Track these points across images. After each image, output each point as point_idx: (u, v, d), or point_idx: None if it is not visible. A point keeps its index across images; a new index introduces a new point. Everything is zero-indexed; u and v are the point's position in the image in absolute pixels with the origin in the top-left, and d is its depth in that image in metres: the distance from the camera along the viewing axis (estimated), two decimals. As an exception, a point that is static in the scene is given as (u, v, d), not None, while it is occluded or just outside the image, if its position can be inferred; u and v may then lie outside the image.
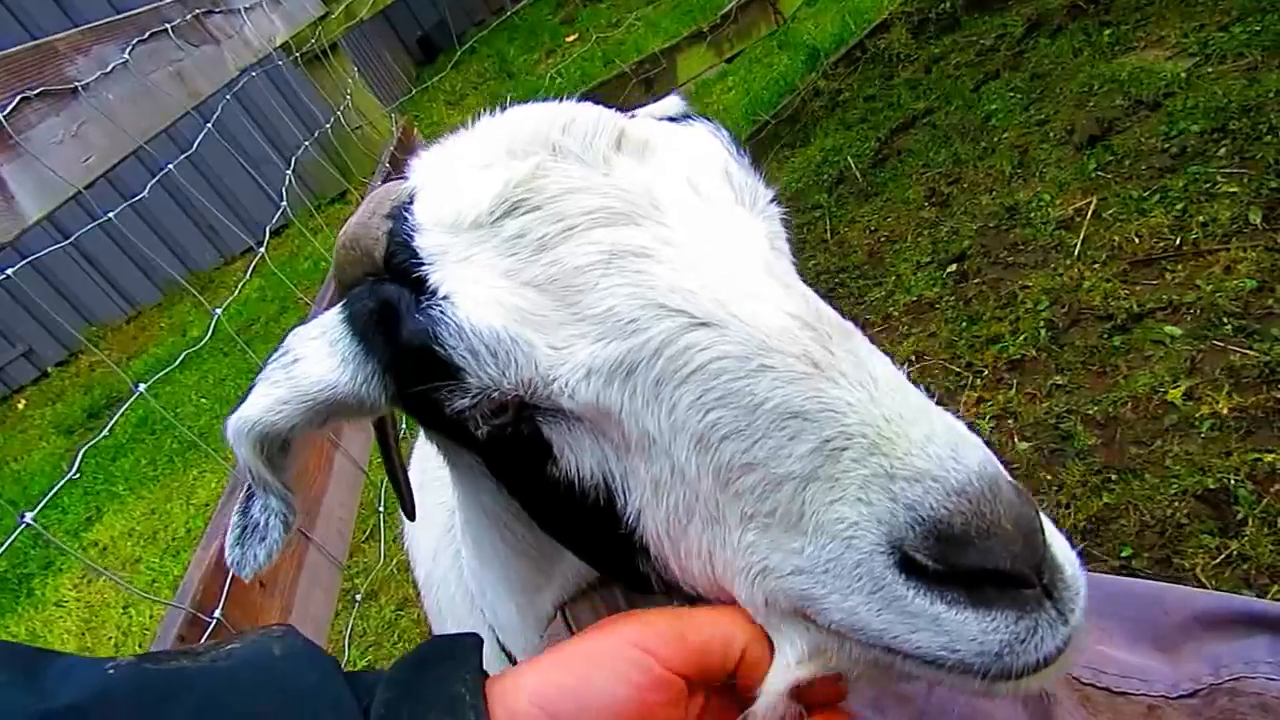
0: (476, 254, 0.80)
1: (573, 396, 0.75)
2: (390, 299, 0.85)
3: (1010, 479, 0.65)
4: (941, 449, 0.64)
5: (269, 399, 0.88)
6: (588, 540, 0.91)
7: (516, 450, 0.82)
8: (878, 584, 0.64)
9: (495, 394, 0.77)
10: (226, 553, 0.96)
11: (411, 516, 1.27)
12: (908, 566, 0.63)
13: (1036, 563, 0.63)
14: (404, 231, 0.86)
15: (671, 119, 1.02)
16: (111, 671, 0.64)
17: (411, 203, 0.88)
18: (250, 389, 0.91)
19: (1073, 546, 0.68)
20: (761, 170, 0.92)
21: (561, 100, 0.93)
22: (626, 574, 0.86)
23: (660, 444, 0.73)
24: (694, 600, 0.81)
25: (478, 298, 0.78)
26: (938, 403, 0.70)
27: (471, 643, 0.73)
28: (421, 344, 0.79)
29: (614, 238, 0.76)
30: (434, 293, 0.80)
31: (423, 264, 0.82)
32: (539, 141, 0.84)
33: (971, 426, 0.69)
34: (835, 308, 0.76)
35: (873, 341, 0.74)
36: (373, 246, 0.89)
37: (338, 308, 0.91)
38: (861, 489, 0.64)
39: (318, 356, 0.89)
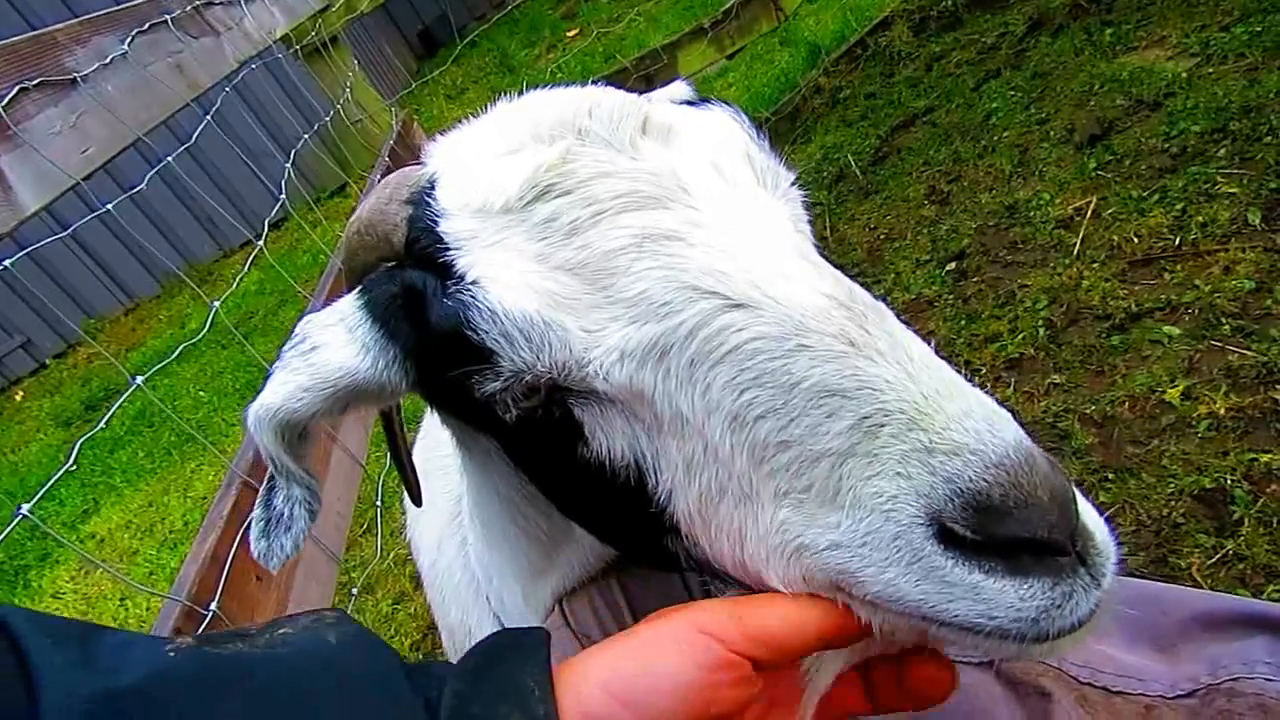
0: (506, 238, 0.81)
1: (607, 379, 0.76)
2: (414, 284, 0.84)
3: (1043, 452, 0.66)
4: (979, 423, 0.65)
5: (289, 386, 0.88)
6: (614, 520, 0.91)
7: (546, 432, 0.82)
8: (917, 555, 0.65)
9: (528, 377, 0.77)
10: (252, 545, 0.95)
11: (418, 503, 1.28)
12: (945, 538, 0.64)
13: (1071, 531, 0.64)
14: (428, 217, 0.86)
15: (689, 103, 1.02)
16: (172, 654, 0.64)
17: (432, 188, 0.88)
18: (268, 377, 0.90)
19: (1100, 514, 0.70)
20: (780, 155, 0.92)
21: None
22: (651, 552, 0.87)
23: (694, 424, 0.74)
24: (721, 579, 0.81)
25: (509, 282, 0.78)
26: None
27: (539, 636, 0.74)
28: (452, 328, 0.79)
29: (644, 221, 0.77)
30: (462, 278, 0.80)
31: (449, 249, 0.82)
32: (565, 126, 0.84)
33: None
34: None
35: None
36: (391, 232, 0.89)
37: (354, 294, 0.91)
38: (900, 463, 0.65)
39: (337, 343, 0.88)
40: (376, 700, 0.66)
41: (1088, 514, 0.68)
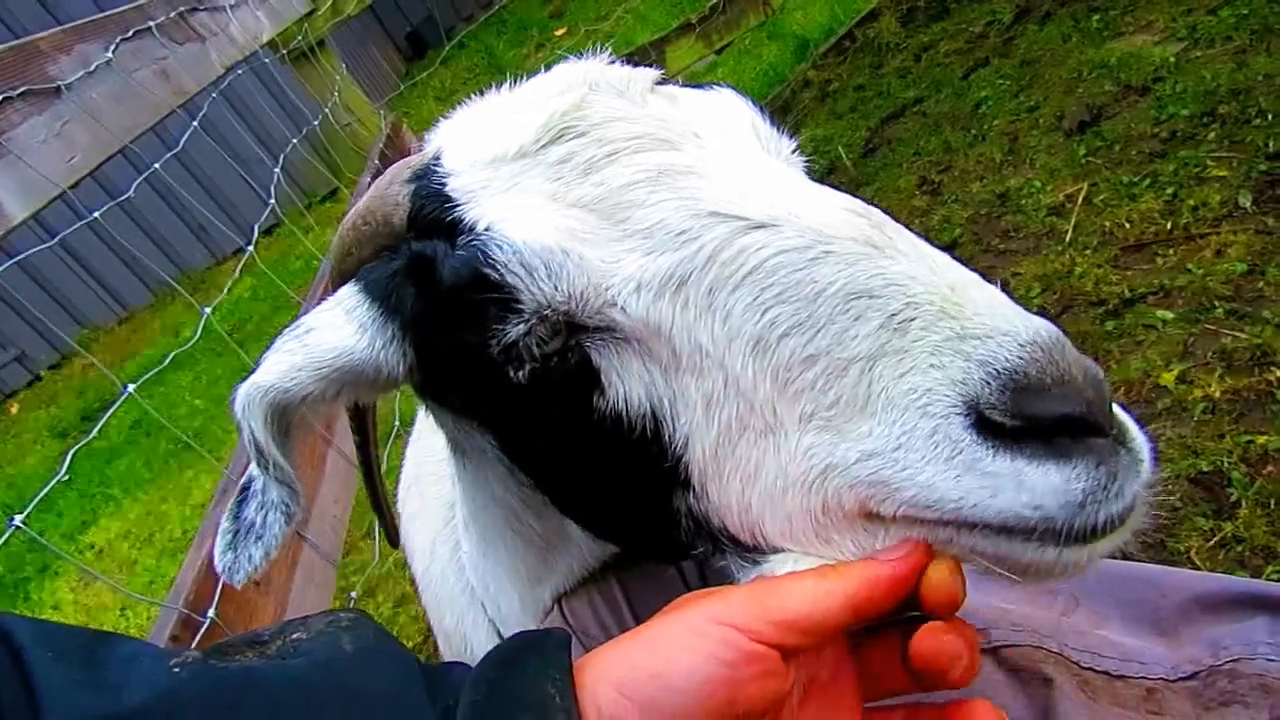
0: (520, 182, 0.81)
1: (625, 310, 0.75)
2: (421, 252, 0.84)
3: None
4: (1007, 309, 0.65)
5: (282, 366, 0.86)
6: (619, 493, 0.88)
7: (559, 389, 0.80)
8: (956, 448, 0.63)
9: (548, 311, 0.76)
10: (216, 560, 0.92)
11: (394, 545, 1.27)
12: (983, 428, 0.62)
13: (1108, 410, 0.63)
14: (434, 182, 0.86)
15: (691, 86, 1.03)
16: (177, 670, 0.62)
17: (438, 160, 0.88)
18: (258, 362, 0.88)
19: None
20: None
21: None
22: (652, 532, 0.85)
23: (714, 355, 0.73)
24: (715, 540, 0.80)
25: (525, 220, 0.78)
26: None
27: (561, 639, 0.71)
28: (470, 272, 0.78)
29: (659, 159, 0.77)
30: (472, 228, 0.80)
31: (458, 204, 0.82)
32: (577, 83, 0.86)
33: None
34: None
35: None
36: (391, 212, 0.88)
37: (350, 282, 0.90)
38: (933, 354, 0.64)
39: (333, 325, 0.87)
40: (389, 715, 0.64)
41: (1117, 409, 0.66)
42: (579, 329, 0.77)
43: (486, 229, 0.79)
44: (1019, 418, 0.61)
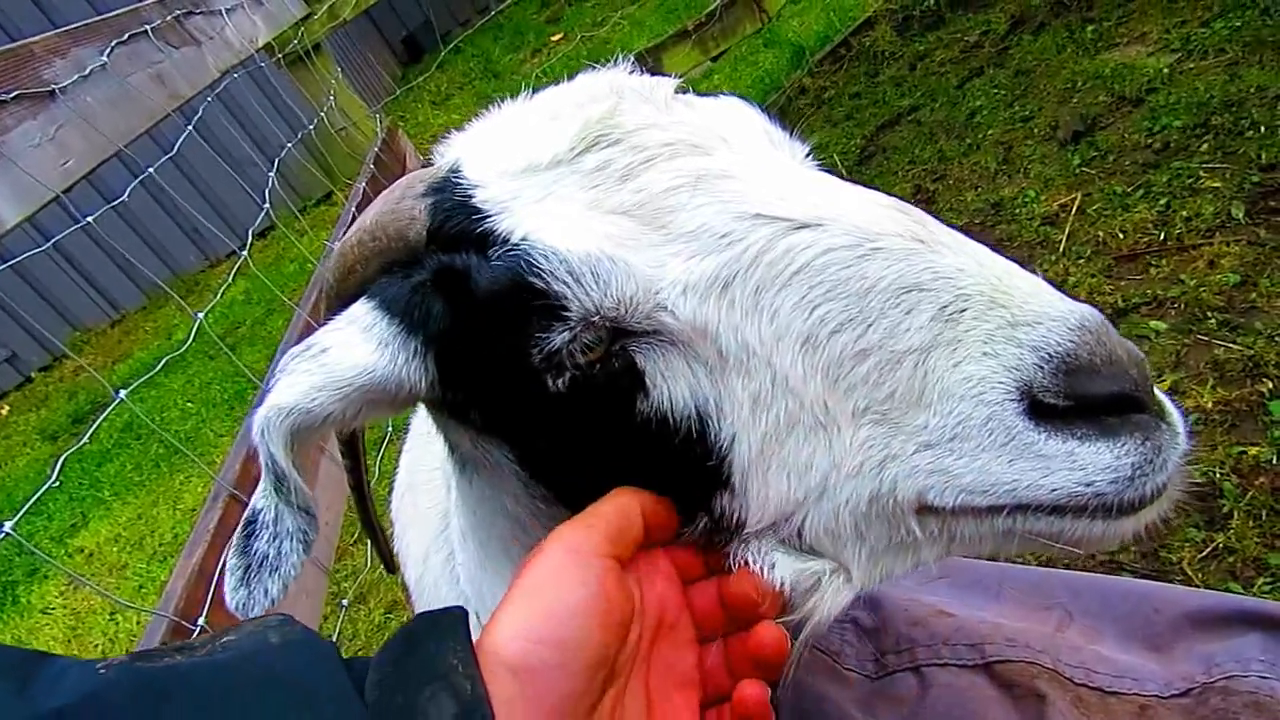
0: (555, 191, 0.81)
1: (673, 312, 0.75)
2: (449, 265, 0.82)
3: None
4: (1052, 296, 0.67)
5: (301, 387, 0.83)
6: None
7: (600, 393, 0.79)
8: (1009, 434, 0.66)
9: (595, 318, 0.75)
10: (229, 598, 0.87)
11: (391, 571, 1.26)
12: (1035, 412, 0.65)
13: (1150, 388, 0.67)
14: (458, 194, 0.84)
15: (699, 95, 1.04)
16: (103, 672, 0.62)
17: (458, 172, 0.87)
18: (267, 388, 0.86)
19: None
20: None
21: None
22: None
23: (761, 355, 0.74)
24: (742, 544, 0.82)
25: (566, 228, 0.77)
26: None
27: (457, 614, 0.74)
28: (511, 281, 0.77)
29: (696, 164, 0.78)
30: (506, 240, 0.79)
31: (488, 216, 0.81)
32: (603, 92, 0.87)
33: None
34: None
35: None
36: (407, 227, 0.85)
37: (362, 299, 0.87)
38: (986, 343, 0.66)
39: (351, 343, 0.85)
40: (316, 700, 0.65)
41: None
42: (625, 333, 0.77)
43: (523, 239, 0.78)
44: (1071, 398, 0.64)
